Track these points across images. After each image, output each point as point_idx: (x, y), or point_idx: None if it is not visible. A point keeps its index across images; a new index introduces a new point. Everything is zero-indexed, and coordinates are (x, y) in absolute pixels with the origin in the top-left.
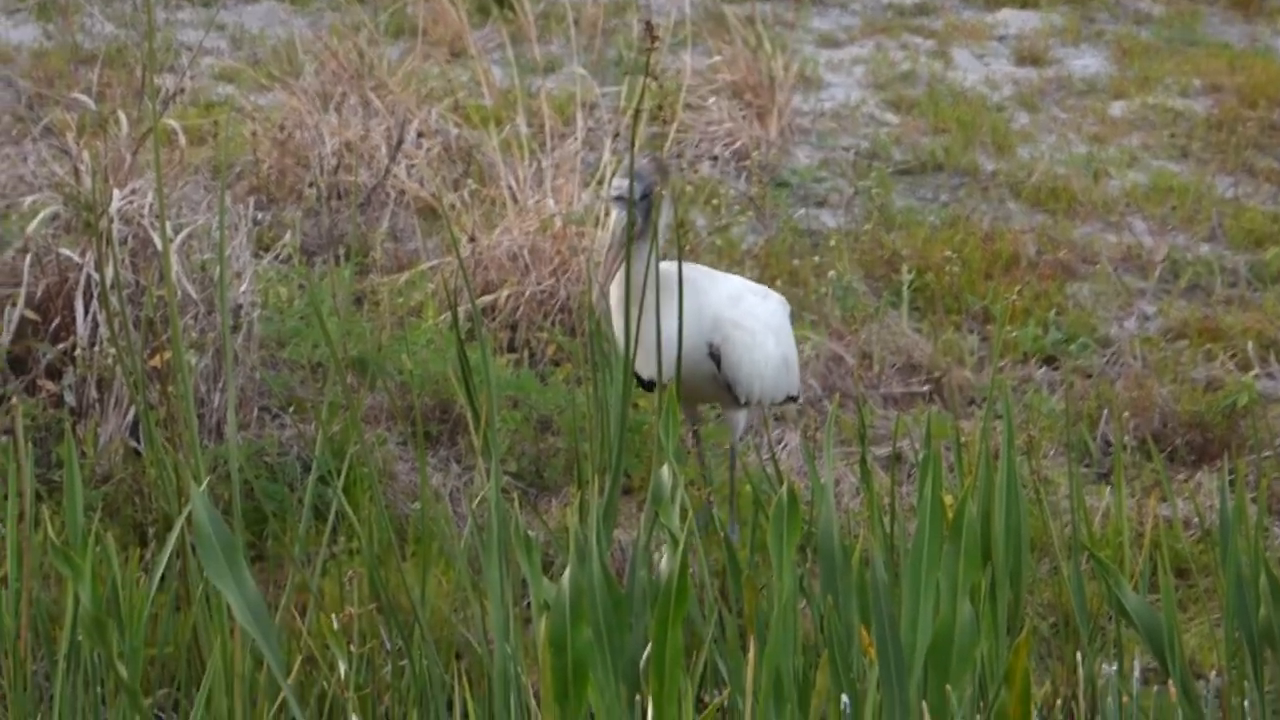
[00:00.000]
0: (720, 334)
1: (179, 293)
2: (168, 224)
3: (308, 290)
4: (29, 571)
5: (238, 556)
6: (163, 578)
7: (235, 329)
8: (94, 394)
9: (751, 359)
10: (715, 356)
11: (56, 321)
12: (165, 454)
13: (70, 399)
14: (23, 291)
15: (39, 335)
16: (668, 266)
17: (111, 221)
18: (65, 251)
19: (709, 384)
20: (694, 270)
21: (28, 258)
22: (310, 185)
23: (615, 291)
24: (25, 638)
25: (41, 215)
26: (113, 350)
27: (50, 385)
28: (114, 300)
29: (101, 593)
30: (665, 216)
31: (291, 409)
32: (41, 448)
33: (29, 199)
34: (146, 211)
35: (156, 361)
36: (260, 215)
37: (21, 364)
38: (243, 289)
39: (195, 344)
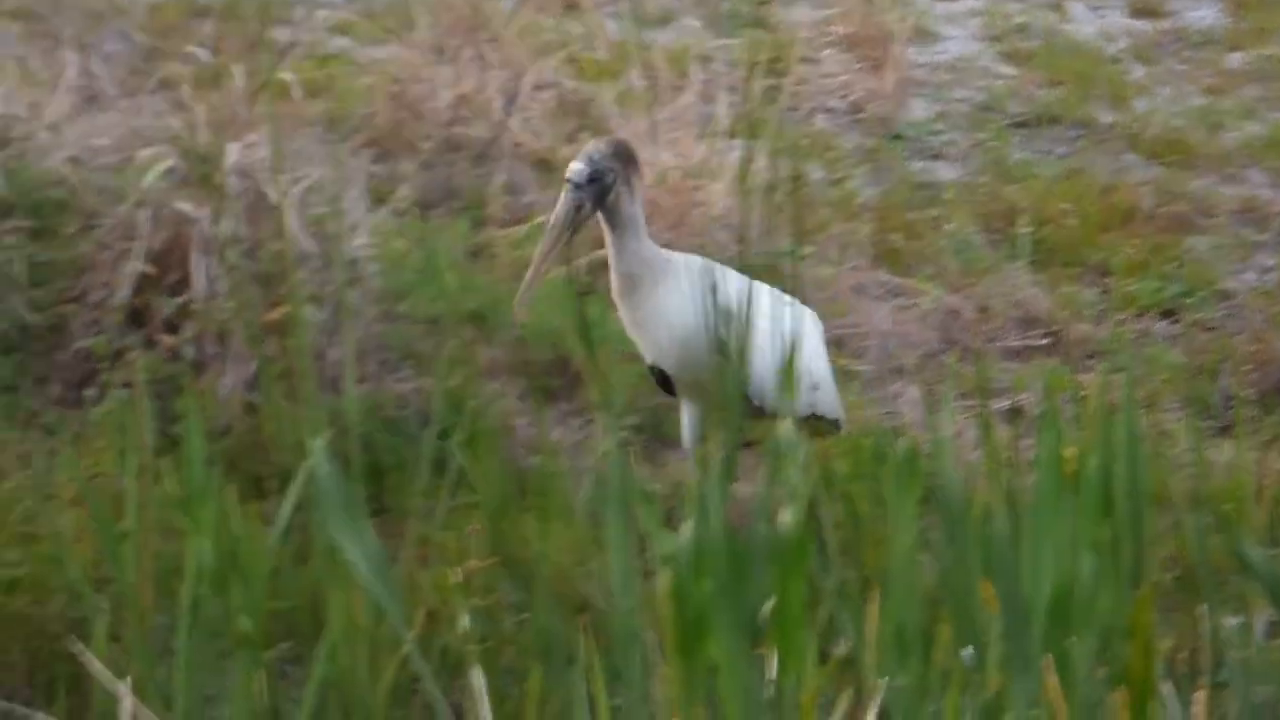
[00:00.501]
0: (725, 330)
1: (296, 246)
2: (283, 177)
3: (424, 243)
4: (150, 525)
5: (357, 510)
6: (284, 531)
7: (352, 283)
8: (212, 348)
9: (764, 360)
10: (723, 353)
11: (174, 275)
12: (283, 407)
13: (189, 353)
14: (140, 245)
15: (157, 289)
16: (679, 256)
17: (227, 175)
18: (182, 205)
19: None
20: (699, 263)
21: (144, 212)
22: (426, 138)
23: (615, 284)
24: (147, 591)
25: (157, 169)
26: (230, 304)
27: (169, 339)
28: (231, 254)
29: (222, 546)
30: (632, 207)
31: (409, 363)
32: (161, 401)
33: (145, 152)
34: (262, 165)
35: (274, 315)
36: (376, 168)
37: (140, 318)
38: (359, 242)
39: (312, 297)
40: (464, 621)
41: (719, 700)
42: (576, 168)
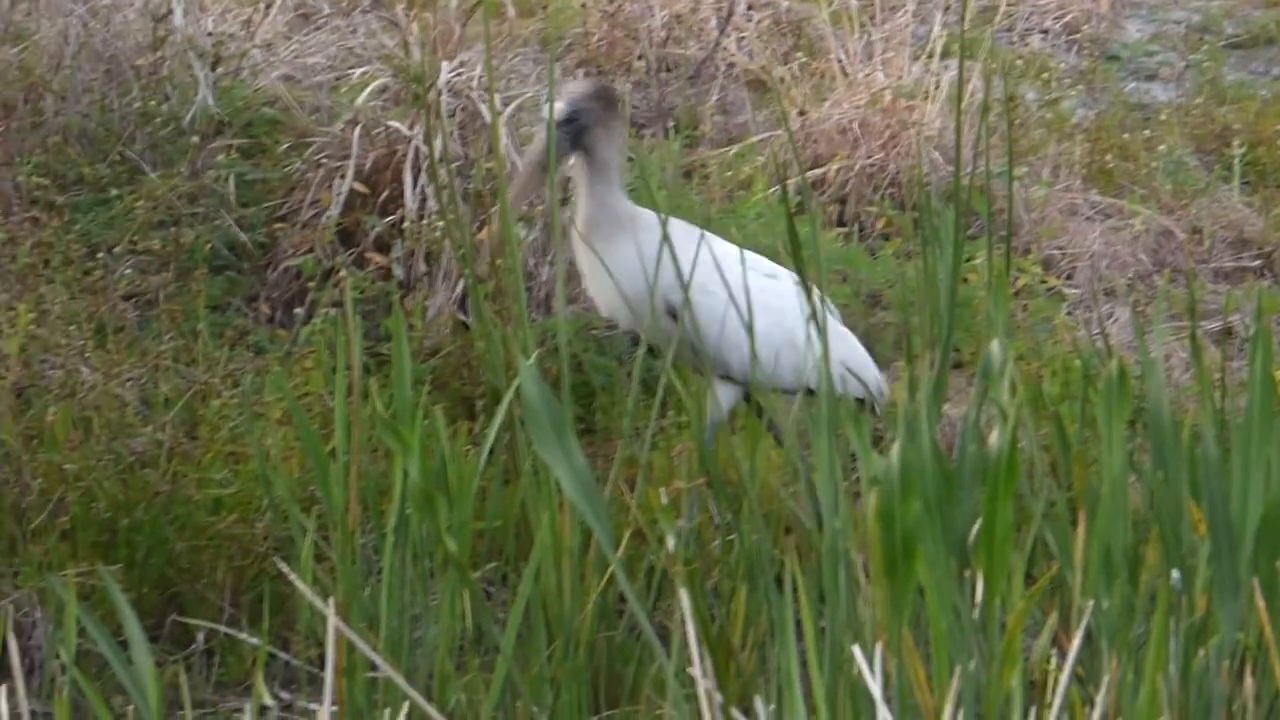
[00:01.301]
0: (679, 296)
1: (508, 165)
2: (496, 96)
3: (637, 163)
4: (358, 445)
5: (566, 430)
6: (491, 451)
7: (564, 201)
8: (422, 267)
9: (723, 330)
10: (675, 315)
11: (385, 194)
12: (493, 327)
13: (399, 272)
14: (351, 164)
15: (367, 208)
16: (648, 213)
17: (440, 94)
18: (394, 124)
19: (681, 347)
20: (680, 226)
21: (356, 130)
22: (639, 58)
23: (579, 227)
24: (354, 511)
25: (370, 88)
26: (441, 223)
27: (379, 258)
28: (442, 173)
29: (430, 466)
30: (608, 151)
31: None
32: (370, 321)
33: (358, 71)
34: (475, 84)
35: (485, 235)
36: None
37: (350, 237)
38: (571, 162)
39: (523, 217)
40: (670, 542)
41: (925, 622)
42: (558, 107)
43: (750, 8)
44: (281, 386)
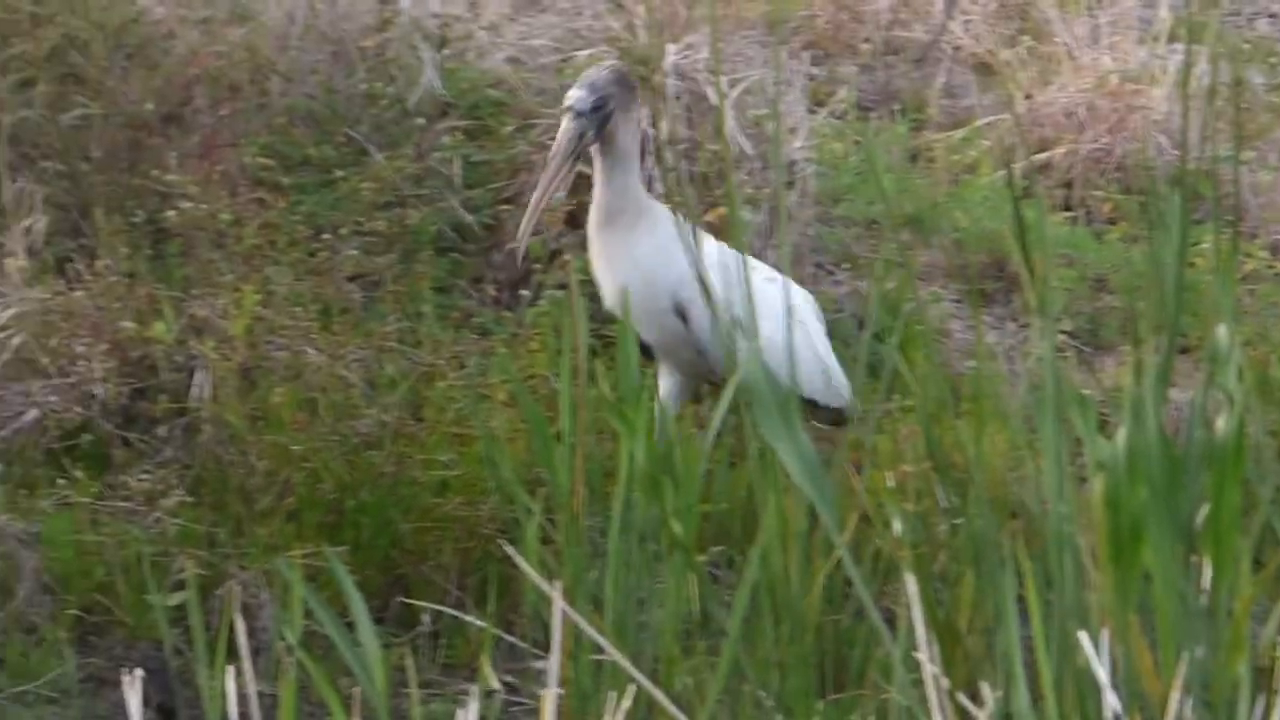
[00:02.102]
0: (688, 291)
1: (734, 148)
2: (722, 79)
3: (863, 146)
4: (584, 427)
5: (792, 413)
6: (718, 434)
7: (790, 185)
8: None
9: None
10: (682, 314)
11: None
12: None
13: None
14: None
15: (593, 190)
16: (662, 206)
17: (666, 76)
18: None
19: (683, 347)
20: (685, 227)
21: None
22: (865, 40)
23: (593, 216)
24: (580, 493)
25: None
26: (668, 205)
27: None
28: (669, 155)
29: (655, 449)
30: (627, 138)
31: (846, 265)
32: (595, 302)
33: (584, 53)
34: (701, 66)
35: (712, 217)
36: (815, 70)
37: (576, 218)
38: (797, 145)
39: (750, 200)
40: (897, 526)
41: (1152, 607)
42: (578, 95)
43: None
44: (507, 369)
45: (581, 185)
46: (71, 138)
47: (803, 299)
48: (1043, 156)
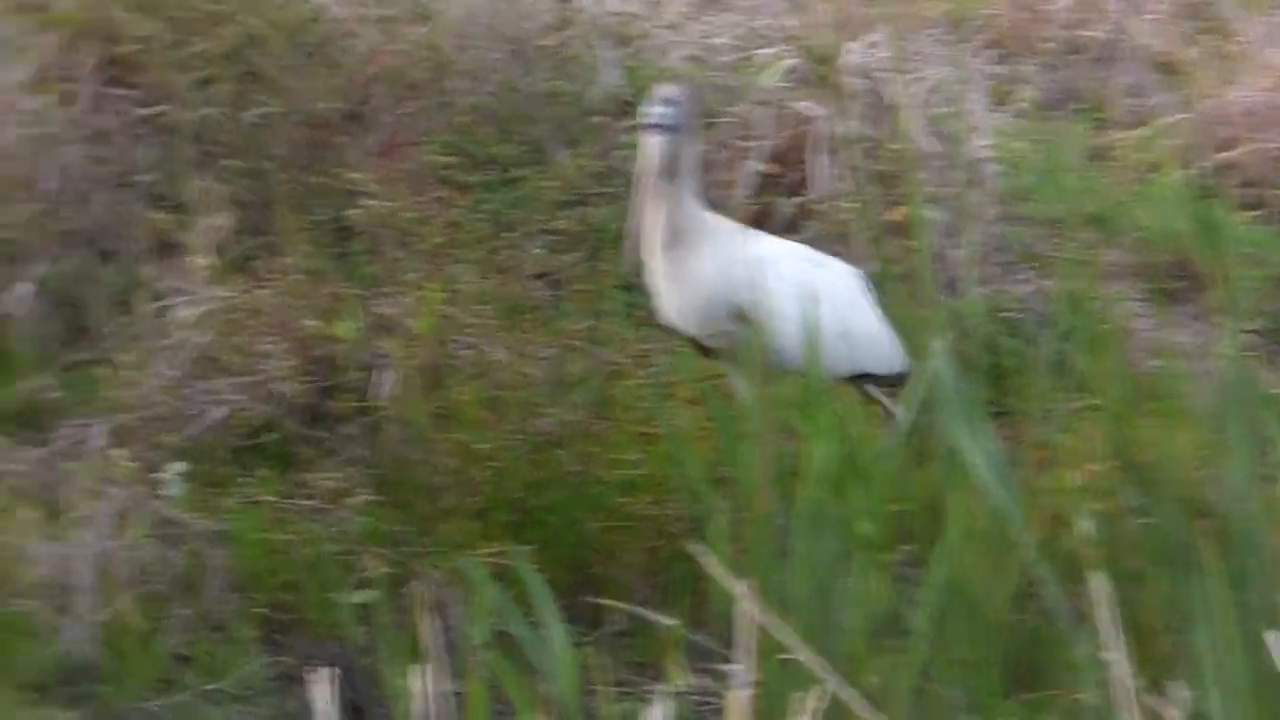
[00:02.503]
0: (746, 294)
1: (916, 146)
2: (904, 77)
3: (1045, 145)
4: (770, 426)
5: (978, 412)
6: (904, 433)
7: (972, 183)
8: (832, 248)
9: (783, 328)
10: (744, 319)
11: (793, 175)
12: (904, 309)
13: None
14: (759, 145)
15: (776, 189)
16: (709, 216)
17: (847, 75)
18: (801, 105)
19: (751, 349)
20: (736, 227)
21: (763, 111)
22: (1047, 39)
23: (655, 235)
24: (766, 492)
25: (777, 68)
26: (850, 205)
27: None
28: (850, 154)
29: (842, 448)
30: (692, 157)
31: (1029, 264)
32: None
33: (764, 51)
34: (882, 65)
35: (894, 216)
36: (997, 69)
37: (759, 217)
38: (979, 143)
39: (932, 198)
40: (1084, 525)
41: None
42: (663, 111)
43: None
44: (691, 367)
45: (764, 181)
46: (253, 136)
47: (852, 277)
48: (1226, 156)
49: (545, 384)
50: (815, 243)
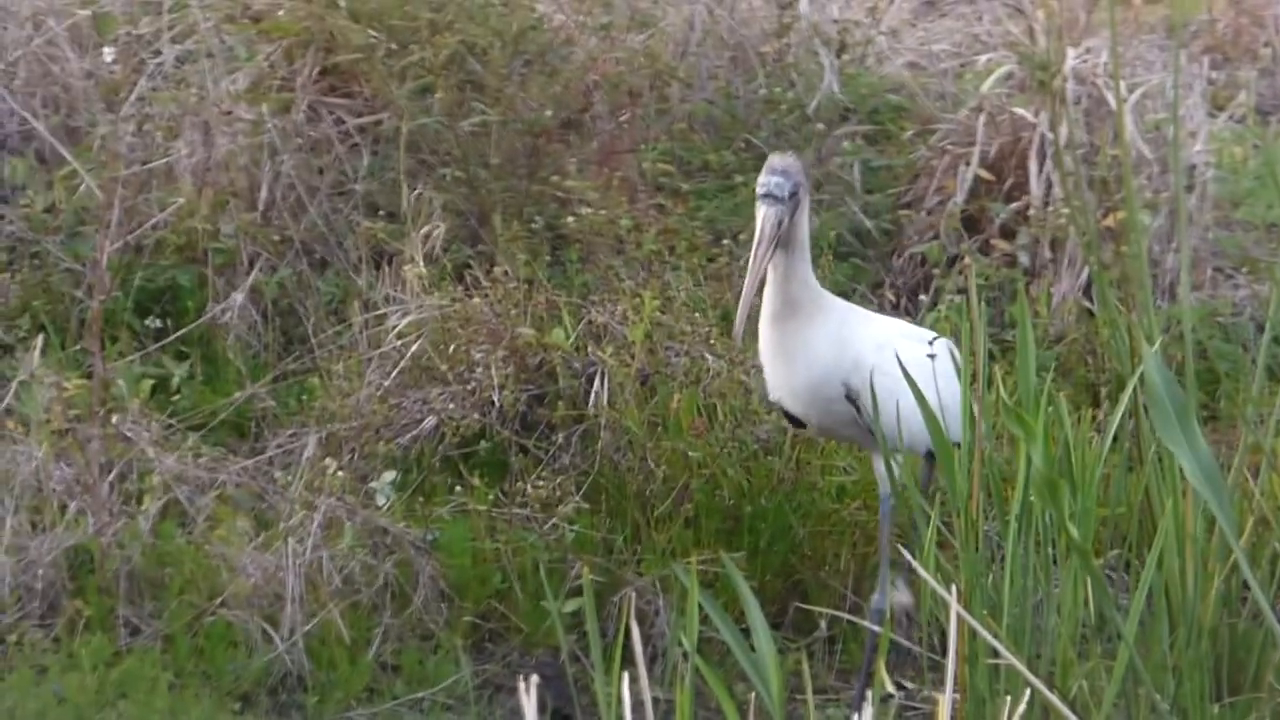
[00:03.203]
0: (859, 376)
1: (1133, 152)
2: (1121, 83)
3: (1263, 150)
4: (981, 432)
5: (1190, 417)
6: (1115, 438)
7: (1189, 189)
8: (1047, 254)
9: (896, 406)
10: (853, 399)
11: (1010, 181)
12: (1118, 314)
13: (1024, 259)
14: (977, 151)
15: (992, 195)
16: (821, 290)
17: (1065, 81)
18: (1019, 111)
19: (848, 426)
20: (844, 304)
21: (981, 117)
22: (1265, 45)
23: (768, 307)
24: (977, 498)
25: (996, 74)
26: (1066, 210)
27: (1004, 245)
28: (1068, 160)
29: (1054, 453)
30: (805, 228)
31: (1245, 269)
32: (995, 307)
33: (983, 58)
34: (1100, 70)
35: (1110, 221)
36: (1214, 74)
37: (975, 223)
38: (1196, 149)
39: (1148, 204)
40: None
41: None
42: (777, 181)
43: None
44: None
45: (981, 187)
46: (470, 144)
47: (943, 349)
48: None
49: (759, 392)
50: (1032, 248)
